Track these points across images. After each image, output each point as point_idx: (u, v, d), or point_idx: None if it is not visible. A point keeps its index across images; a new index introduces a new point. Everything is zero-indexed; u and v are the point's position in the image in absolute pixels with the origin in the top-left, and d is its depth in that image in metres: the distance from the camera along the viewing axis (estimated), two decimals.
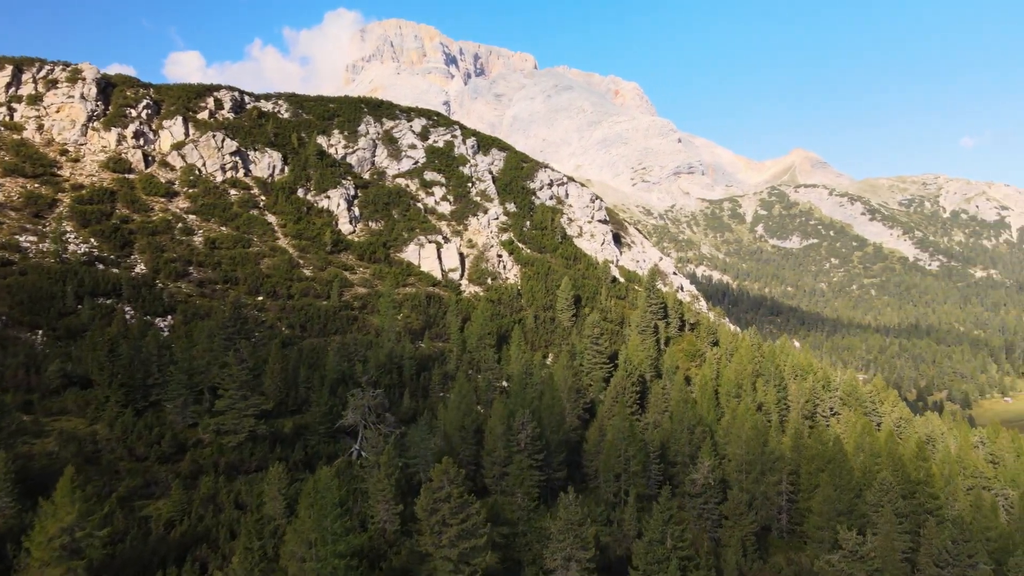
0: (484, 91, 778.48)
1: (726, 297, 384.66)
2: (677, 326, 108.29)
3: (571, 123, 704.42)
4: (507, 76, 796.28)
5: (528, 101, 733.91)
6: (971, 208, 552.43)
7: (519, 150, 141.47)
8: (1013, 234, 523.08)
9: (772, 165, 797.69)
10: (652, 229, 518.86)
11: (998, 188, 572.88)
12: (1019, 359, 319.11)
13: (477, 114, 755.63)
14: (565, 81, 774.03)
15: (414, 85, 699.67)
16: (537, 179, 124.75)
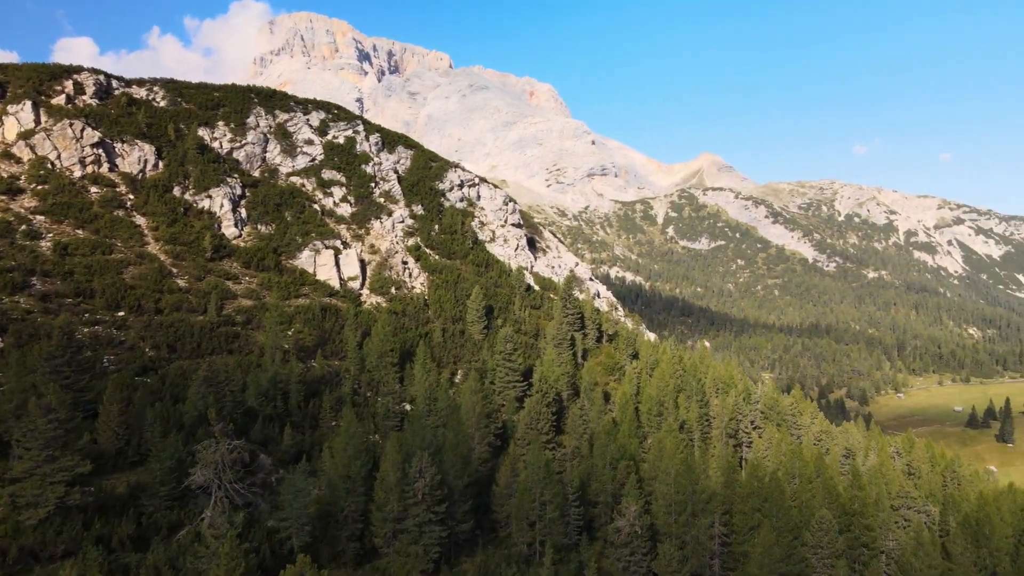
0: (398, 89, 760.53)
1: (639, 298, 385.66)
2: (595, 337, 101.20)
3: (486, 123, 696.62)
4: (422, 75, 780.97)
5: (443, 100, 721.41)
6: (863, 212, 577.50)
7: (429, 149, 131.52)
8: (901, 237, 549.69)
9: (681, 168, 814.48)
10: (567, 231, 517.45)
11: (887, 194, 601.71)
12: (910, 356, 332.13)
13: (391, 112, 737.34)
14: (480, 81, 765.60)
15: (325, 81, 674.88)
16: (447, 179, 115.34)
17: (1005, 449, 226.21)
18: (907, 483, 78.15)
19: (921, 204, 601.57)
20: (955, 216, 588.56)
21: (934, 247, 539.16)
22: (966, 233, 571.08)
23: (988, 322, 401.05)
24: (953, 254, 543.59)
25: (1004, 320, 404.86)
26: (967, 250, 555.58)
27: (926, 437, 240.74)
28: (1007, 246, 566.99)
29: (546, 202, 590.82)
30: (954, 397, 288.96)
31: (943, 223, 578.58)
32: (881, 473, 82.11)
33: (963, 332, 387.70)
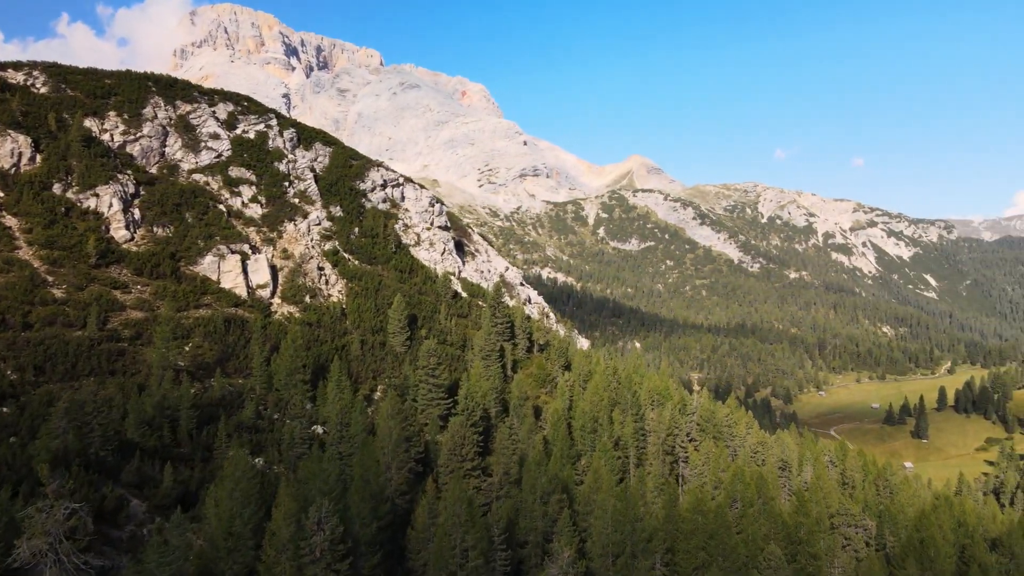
0: (327, 85, 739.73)
1: (571, 300, 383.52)
2: (525, 347, 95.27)
3: (418, 122, 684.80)
4: (352, 71, 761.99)
5: (374, 98, 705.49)
6: (785, 214, 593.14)
7: (351, 147, 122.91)
8: (819, 239, 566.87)
9: (612, 170, 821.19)
10: (499, 231, 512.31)
11: (806, 197, 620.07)
12: (830, 355, 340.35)
13: (320, 109, 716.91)
14: (412, 79, 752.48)
15: (250, 75, 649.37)
16: (368, 179, 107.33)
17: (920, 445, 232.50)
18: (845, 498, 75.07)
19: (838, 207, 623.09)
20: (869, 219, 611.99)
21: (850, 249, 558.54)
22: (879, 235, 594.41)
23: (900, 321, 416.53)
24: (867, 255, 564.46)
25: (914, 319, 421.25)
26: (880, 251, 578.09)
27: (849, 436, 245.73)
28: (916, 248, 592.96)
29: (478, 202, 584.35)
30: (871, 394, 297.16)
31: (858, 226, 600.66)
32: (819, 487, 79.03)
33: (878, 331, 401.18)
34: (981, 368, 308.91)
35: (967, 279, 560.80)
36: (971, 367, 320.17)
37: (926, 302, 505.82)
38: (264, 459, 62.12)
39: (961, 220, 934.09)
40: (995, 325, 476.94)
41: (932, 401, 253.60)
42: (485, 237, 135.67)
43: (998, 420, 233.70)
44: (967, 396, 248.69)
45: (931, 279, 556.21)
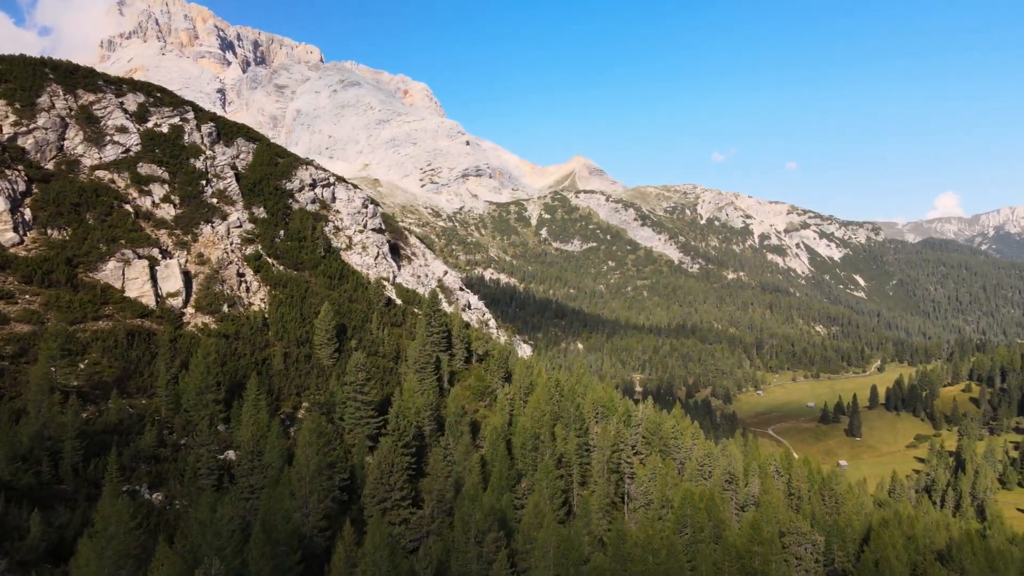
0: (265, 81, 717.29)
1: (514, 301, 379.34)
2: (463, 357, 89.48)
3: (359, 120, 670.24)
4: (290, 67, 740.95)
5: (313, 95, 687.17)
6: (723, 216, 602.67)
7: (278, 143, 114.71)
8: (756, 240, 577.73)
9: (555, 171, 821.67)
10: (441, 231, 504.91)
11: (743, 199, 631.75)
12: (767, 355, 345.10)
13: (257, 105, 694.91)
14: (353, 77, 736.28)
15: (183, 69, 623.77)
16: (296, 178, 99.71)
17: (854, 443, 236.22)
18: (794, 516, 71.85)
19: (773, 209, 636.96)
20: (802, 221, 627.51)
21: (784, 250, 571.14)
22: (811, 237, 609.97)
23: (832, 320, 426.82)
24: (801, 256, 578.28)
25: (845, 318, 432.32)
26: (812, 252, 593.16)
27: (787, 435, 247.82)
28: (846, 249, 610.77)
29: (421, 202, 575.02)
30: (807, 393, 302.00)
31: (792, 227, 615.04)
32: (768, 502, 75.82)
33: (811, 330, 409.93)
34: (909, 366, 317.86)
35: (893, 279, 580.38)
36: (900, 365, 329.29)
37: (856, 301, 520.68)
38: (164, 493, 54.74)
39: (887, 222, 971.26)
40: (919, 323, 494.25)
41: (864, 399, 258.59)
42: (423, 240, 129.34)
43: (926, 417, 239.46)
44: (897, 394, 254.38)
45: (860, 279, 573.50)
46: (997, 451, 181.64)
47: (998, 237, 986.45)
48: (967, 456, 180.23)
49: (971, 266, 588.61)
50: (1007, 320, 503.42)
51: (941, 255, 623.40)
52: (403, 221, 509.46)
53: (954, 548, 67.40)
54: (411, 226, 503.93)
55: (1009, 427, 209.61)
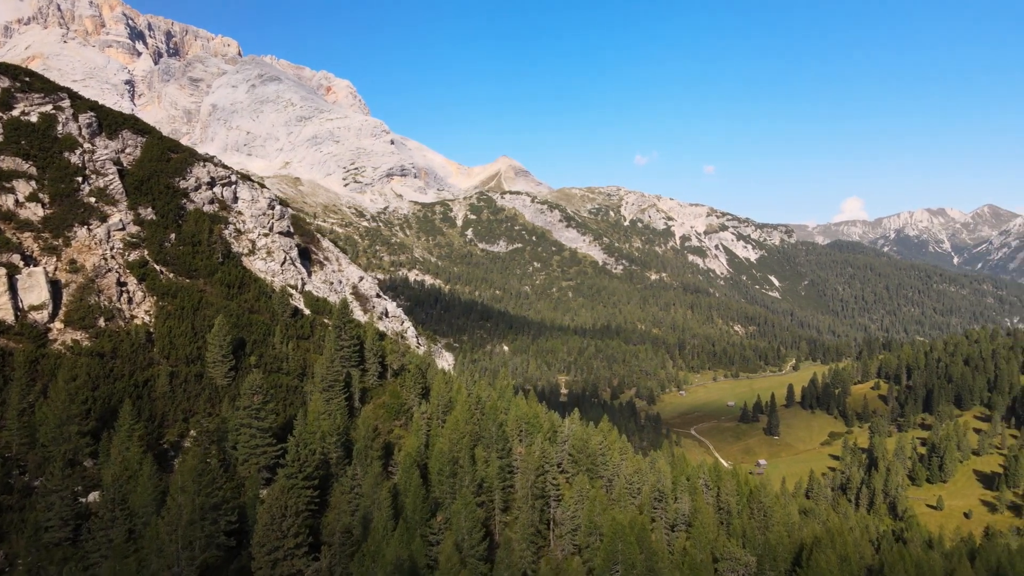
0: (178, 74, 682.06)
1: (439, 303, 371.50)
2: (377, 372, 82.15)
3: (279, 117, 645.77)
4: (206, 60, 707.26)
5: (230, 89, 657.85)
6: (645, 218, 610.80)
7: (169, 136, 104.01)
8: (677, 241, 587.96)
9: (481, 171, 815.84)
10: (365, 232, 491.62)
11: (665, 201, 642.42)
12: (689, 355, 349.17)
13: (170, 98, 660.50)
14: (273, 71, 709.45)
15: (87, 58, 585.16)
16: (192, 176, 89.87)
17: (772, 442, 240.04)
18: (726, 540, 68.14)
19: (693, 211, 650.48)
20: (721, 223, 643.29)
21: (704, 251, 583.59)
22: (729, 239, 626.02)
23: (750, 320, 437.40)
24: (720, 257, 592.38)
25: (762, 318, 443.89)
26: (731, 254, 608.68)
27: (709, 435, 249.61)
28: (762, 251, 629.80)
29: (344, 202, 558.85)
30: (727, 392, 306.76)
31: (711, 229, 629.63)
32: (699, 521, 71.98)
33: (730, 329, 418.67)
34: (822, 364, 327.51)
35: (805, 279, 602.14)
36: (813, 363, 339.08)
37: (771, 301, 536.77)
38: (6, 551, 45.61)
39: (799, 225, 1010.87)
40: (829, 322, 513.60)
41: (781, 398, 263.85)
42: (338, 243, 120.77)
43: (839, 415, 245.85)
44: (812, 393, 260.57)
45: (775, 280, 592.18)
46: (906, 448, 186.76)
47: (898, 239, 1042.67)
48: (879, 454, 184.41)
49: (875, 267, 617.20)
50: (907, 318, 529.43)
51: (848, 256, 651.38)
52: (325, 221, 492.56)
53: (886, 568, 65.14)
54: (334, 226, 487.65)
55: (915, 423, 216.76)
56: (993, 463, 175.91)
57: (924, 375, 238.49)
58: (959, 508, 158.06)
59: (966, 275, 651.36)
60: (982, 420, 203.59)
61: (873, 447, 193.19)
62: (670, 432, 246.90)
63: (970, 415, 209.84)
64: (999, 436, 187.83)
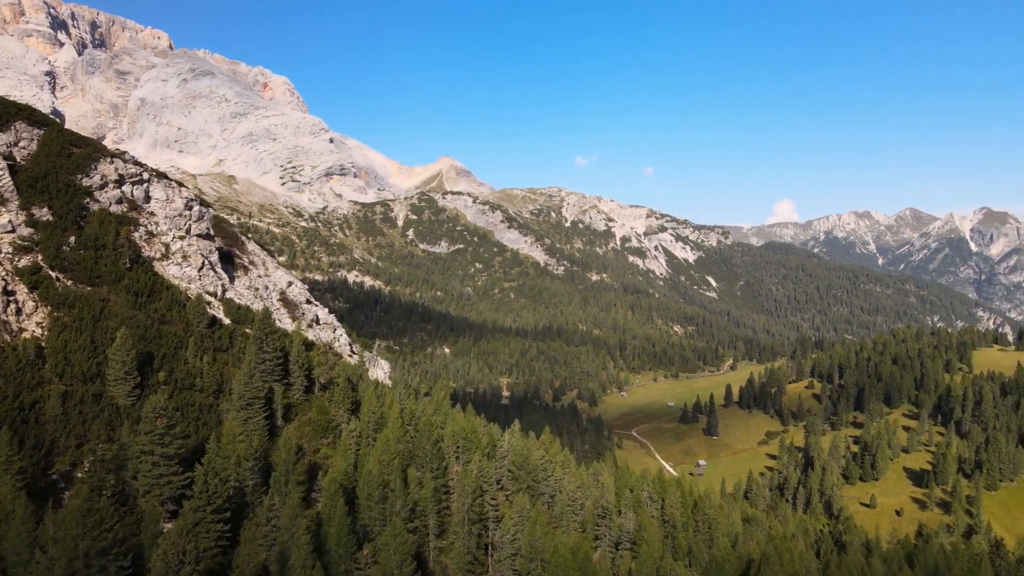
0: (104, 66, 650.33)
1: (379, 304, 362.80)
2: (303, 387, 75.89)
3: (212, 113, 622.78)
4: (134, 53, 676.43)
5: (160, 83, 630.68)
6: (586, 219, 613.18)
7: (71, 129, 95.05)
8: (618, 242, 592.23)
9: (422, 171, 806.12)
10: (303, 232, 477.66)
11: (606, 203, 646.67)
12: (630, 355, 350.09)
13: (95, 92, 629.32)
14: (206, 66, 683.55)
15: (4, 47, 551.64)
16: (97, 173, 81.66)
17: (711, 442, 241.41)
18: (671, 562, 64.81)
19: (633, 213, 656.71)
20: (660, 224, 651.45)
21: (644, 252, 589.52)
22: (668, 240, 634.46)
23: (688, 320, 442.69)
24: (659, 258, 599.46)
25: (700, 318, 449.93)
26: (670, 255, 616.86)
27: (650, 436, 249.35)
28: (699, 252, 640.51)
29: (281, 201, 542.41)
30: (667, 393, 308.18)
31: (651, 230, 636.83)
32: (644, 540, 68.58)
33: (670, 330, 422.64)
34: (758, 364, 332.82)
35: (741, 280, 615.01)
36: (750, 363, 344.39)
37: (709, 301, 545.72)
38: None
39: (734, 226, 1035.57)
40: (764, 322, 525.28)
41: (720, 398, 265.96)
42: (265, 246, 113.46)
43: (775, 414, 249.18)
44: (749, 392, 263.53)
45: (712, 280, 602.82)
46: (840, 447, 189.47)
47: (828, 241, 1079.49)
48: (815, 453, 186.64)
49: (806, 268, 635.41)
50: (837, 317, 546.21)
51: (781, 258, 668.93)
52: (261, 221, 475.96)
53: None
54: (270, 226, 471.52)
55: (848, 421, 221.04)
56: (922, 460, 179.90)
57: (855, 374, 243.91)
58: (891, 506, 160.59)
59: (890, 275, 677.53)
60: (910, 418, 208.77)
61: (809, 446, 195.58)
62: (612, 434, 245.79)
63: (899, 413, 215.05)
64: (927, 434, 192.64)
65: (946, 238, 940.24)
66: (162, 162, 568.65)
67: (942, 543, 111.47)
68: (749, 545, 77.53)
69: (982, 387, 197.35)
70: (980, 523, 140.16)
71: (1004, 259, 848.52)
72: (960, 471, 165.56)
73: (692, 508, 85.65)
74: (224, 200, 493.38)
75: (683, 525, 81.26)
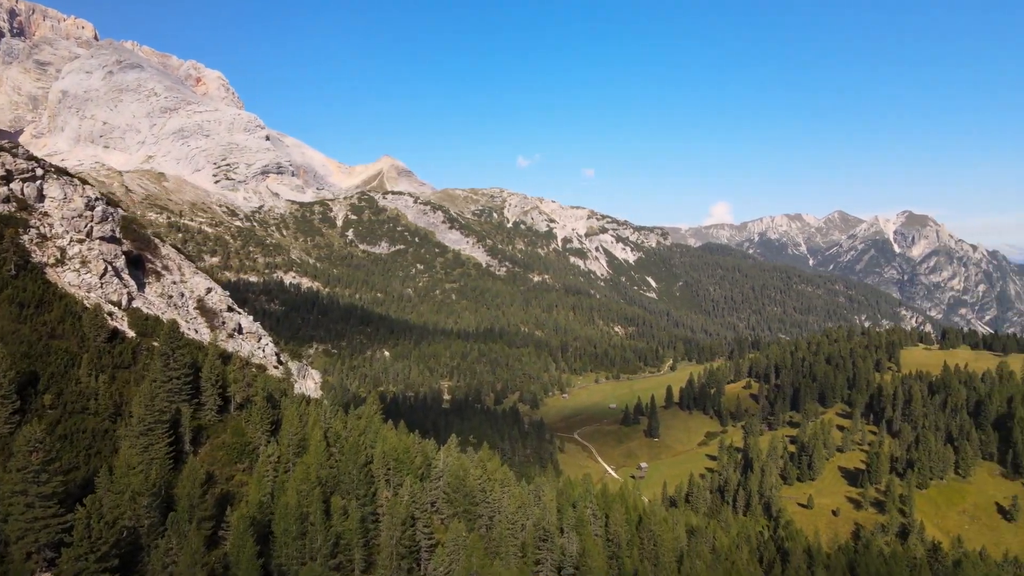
0: (23, 56, 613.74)
1: (316, 307, 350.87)
2: (217, 406, 68.56)
3: (141, 108, 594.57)
4: (56, 42, 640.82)
5: (84, 75, 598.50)
6: (528, 220, 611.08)
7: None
8: (559, 243, 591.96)
9: (363, 171, 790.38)
10: (237, 232, 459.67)
11: (548, 204, 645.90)
12: (572, 357, 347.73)
13: (12, 83, 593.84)
14: (133, 58, 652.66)
15: None
16: None
17: (653, 444, 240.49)
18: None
19: (575, 214, 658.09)
20: (600, 225, 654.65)
21: (585, 253, 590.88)
22: (609, 241, 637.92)
23: (629, 321, 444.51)
24: (600, 259, 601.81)
25: (641, 319, 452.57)
26: (610, 256, 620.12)
27: (592, 439, 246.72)
28: (639, 252, 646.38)
29: (214, 200, 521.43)
30: (609, 394, 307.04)
31: (592, 231, 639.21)
32: (587, 563, 64.10)
33: (611, 330, 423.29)
34: (697, 364, 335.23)
35: (679, 280, 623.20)
36: (689, 364, 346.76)
37: (649, 302, 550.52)
38: None
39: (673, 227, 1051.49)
40: (702, 322, 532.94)
41: (661, 399, 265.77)
42: (179, 249, 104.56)
43: (715, 415, 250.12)
44: (689, 393, 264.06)
45: (652, 281, 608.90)
46: (778, 447, 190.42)
47: (762, 242, 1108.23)
48: (754, 455, 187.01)
49: (742, 268, 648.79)
50: (771, 317, 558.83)
51: (718, 259, 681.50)
52: (193, 220, 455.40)
53: None
54: (202, 226, 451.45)
55: (784, 421, 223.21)
56: (856, 460, 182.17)
57: (791, 374, 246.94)
58: (828, 506, 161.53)
59: (820, 276, 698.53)
60: (844, 417, 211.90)
61: (748, 447, 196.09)
62: (554, 438, 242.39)
63: (833, 412, 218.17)
64: (860, 433, 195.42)
65: (871, 240, 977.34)
66: (86, 158, 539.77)
67: (881, 548, 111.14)
68: (696, 565, 74.04)
69: (911, 386, 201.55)
70: (913, 522, 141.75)
71: (924, 260, 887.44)
72: (893, 470, 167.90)
73: (637, 524, 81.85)
74: (153, 198, 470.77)
75: (628, 543, 77.32)
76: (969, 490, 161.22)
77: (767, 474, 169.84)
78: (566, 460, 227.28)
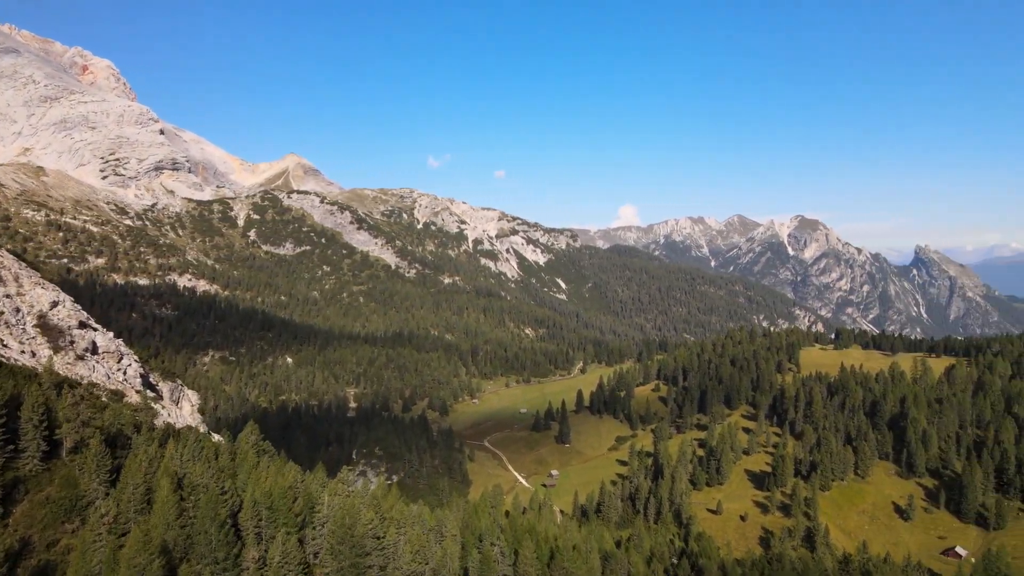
0: None
1: (213, 311, 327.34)
2: (41, 451, 55.66)
3: (17, 96, 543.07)
4: None
5: None
6: (439, 221, 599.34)
7: None
8: (470, 245, 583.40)
9: (267, 168, 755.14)
10: (127, 231, 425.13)
11: (459, 205, 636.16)
12: (482, 361, 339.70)
13: None
14: (9, 42, 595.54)
15: None
16: None
17: (564, 450, 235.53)
18: None
19: (486, 215, 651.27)
20: (511, 227, 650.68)
21: (496, 255, 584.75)
22: (520, 242, 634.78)
23: (539, 322, 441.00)
24: (511, 261, 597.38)
25: (551, 320, 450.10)
26: (521, 257, 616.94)
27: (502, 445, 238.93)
28: (550, 254, 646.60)
29: (101, 197, 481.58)
30: (519, 398, 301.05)
31: (503, 233, 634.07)
32: None
33: (522, 332, 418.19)
34: (607, 366, 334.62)
35: (589, 282, 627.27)
36: (599, 366, 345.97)
37: (559, 303, 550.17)
38: None
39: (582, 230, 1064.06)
40: (611, 322, 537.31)
41: (571, 403, 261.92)
42: (21, 257, 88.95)
43: (624, 419, 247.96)
44: (600, 397, 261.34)
45: (562, 282, 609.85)
46: (687, 451, 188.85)
47: (667, 244, 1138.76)
48: (664, 460, 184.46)
49: (648, 270, 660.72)
50: (677, 317, 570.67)
51: (626, 260, 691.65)
52: (76, 218, 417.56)
53: None
54: (87, 224, 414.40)
55: (692, 424, 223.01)
56: (762, 462, 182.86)
57: (698, 376, 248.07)
58: (736, 511, 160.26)
59: (722, 277, 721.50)
60: (749, 419, 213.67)
61: (658, 452, 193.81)
62: (464, 446, 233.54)
63: (738, 414, 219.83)
64: (764, 435, 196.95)
65: (768, 243, 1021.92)
66: None
67: (793, 561, 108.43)
68: None
69: (812, 388, 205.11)
70: (818, 525, 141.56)
71: (816, 262, 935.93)
72: (797, 473, 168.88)
73: (548, 561, 74.11)
74: (30, 194, 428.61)
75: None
76: (868, 490, 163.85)
77: (677, 480, 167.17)
78: (476, 469, 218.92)
